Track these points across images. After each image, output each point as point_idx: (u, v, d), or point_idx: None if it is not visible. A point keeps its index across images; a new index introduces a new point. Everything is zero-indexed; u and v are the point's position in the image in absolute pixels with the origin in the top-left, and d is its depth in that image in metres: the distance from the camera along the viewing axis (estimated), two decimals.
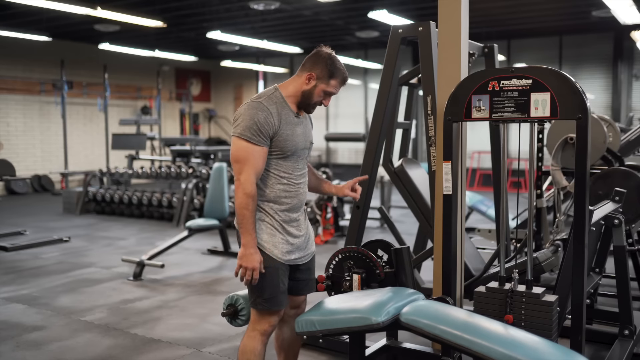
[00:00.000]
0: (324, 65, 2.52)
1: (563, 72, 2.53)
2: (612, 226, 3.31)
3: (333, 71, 2.53)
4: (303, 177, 2.64)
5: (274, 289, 2.52)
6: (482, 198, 7.02)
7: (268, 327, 2.58)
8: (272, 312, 2.56)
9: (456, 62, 3.10)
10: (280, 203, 2.54)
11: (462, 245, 3.09)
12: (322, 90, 2.54)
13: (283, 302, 2.57)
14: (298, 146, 2.55)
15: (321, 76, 2.52)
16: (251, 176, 2.41)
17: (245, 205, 2.40)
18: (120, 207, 9.76)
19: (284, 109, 2.50)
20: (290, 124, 2.51)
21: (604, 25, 12.09)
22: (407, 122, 4.71)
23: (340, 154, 17.36)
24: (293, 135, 2.51)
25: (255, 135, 2.41)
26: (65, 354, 3.70)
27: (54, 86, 13.84)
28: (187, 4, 10.60)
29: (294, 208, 2.59)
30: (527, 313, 2.64)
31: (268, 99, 2.49)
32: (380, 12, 9.31)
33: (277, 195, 2.53)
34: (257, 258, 2.43)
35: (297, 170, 2.58)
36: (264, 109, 2.44)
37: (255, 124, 2.40)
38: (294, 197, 2.58)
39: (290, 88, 2.56)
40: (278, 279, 2.53)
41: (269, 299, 2.52)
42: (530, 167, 2.78)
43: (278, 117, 2.46)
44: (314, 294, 3.32)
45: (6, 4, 9.31)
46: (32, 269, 6.01)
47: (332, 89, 2.56)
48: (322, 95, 2.55)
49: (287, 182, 2.55)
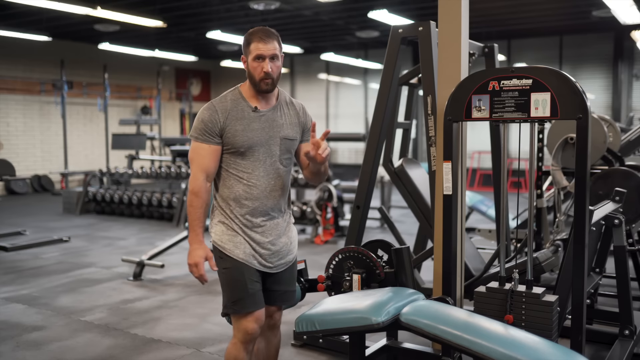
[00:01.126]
0: (244, 42, 2.45)
1: (563, 72, 2.53)
2: (613, 226, 3.31)
3: (248, 38, 2.42)
4: (272, 179, 2.48)
5: (239, 291, 2.41)
6: (482, 198, 7.02)
7: (245, 334, 2.43)
8: (243, 316, 2.42)
9: (456, 62, 3.10)
10: (240, 205, 2.45)
11: (462, 245, 3.09)
12: (252, 60, 2.41)
13: (252, 304, 2.42)
14: (254, 142, 2.42)
15: (245, 51, 2.45)
16: (197, 173, 2.41)
17: (190, 202, 2.41)
18: (120, 207, 9.76)
19: (237, 105, 2.44)
20: (242, 118, 2.42)
21: (604, 25, 12.09)
22: (407, 122, 4.71)
23: (340, 154, 17.35)
24: (245, 130, 2.41)
25: (201, 134, 2.41)
26: (65, 354, 3.70)
27: (54, 86, 13.84)
28: (187, 4, 10.59)
29: (256, 212, 2.45)
30: (527, 313, 2.64)
31: (221, 98, 2.48)
32: (380, 12, 9.31)
33: (237, 196, 2.45)
34: (200, 254, 2.39)
35: (259, 170, 2.45)
36: (210, 108, 2.44)
37: (201, 123, 2.42)
38: (256, 199, 2.44)
39: (246, 82, 2.51)
40: (243, 279, 2.41)
41: (236, 301, 2.42)
42: (531, 167, 2.77)
43: (224, 114, 2.41)
44: (314, 294, 3.32)
45: (6, 4, 9.31)
46: (32, 269, 6.01)
47: (256, 51, 2.39)
48: (256, 65, 2.40)
49: (247, 183, 2.44)
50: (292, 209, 2.67)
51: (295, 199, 8.52)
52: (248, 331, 2.43)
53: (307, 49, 15.35)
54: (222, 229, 2.47)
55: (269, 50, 2.39)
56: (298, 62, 17.85)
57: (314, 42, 14.99)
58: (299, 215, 7.72)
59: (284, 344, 3.82)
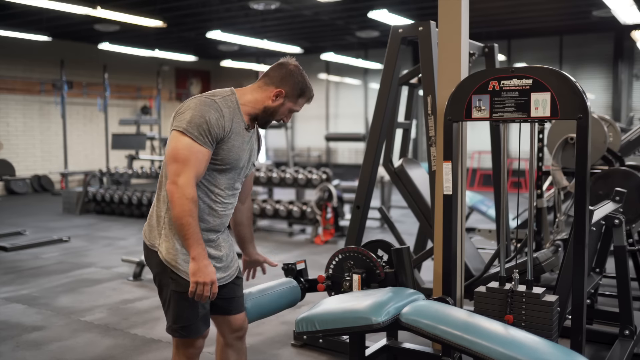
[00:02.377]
0: (295, 83, 2.29)
1: (563, 72, 2.53)
2: (613, 226, 3.31)
3: (304, 90, 2.31)
4: (233, 198, 2.35)
5: (191, 316, 2.23)
6: (482, 198, 7.02)
7: (194, 350, 2.32)
8: (190, 340, 2.29)
9: (456, 62, 3.10)
10: (201, 220, 2.22)
11: (462, 245, 3.09)
12: (289, 108, 2.31)
13: (201, 328, 2.29)
14: (240, 162, 2.28)
15: (290, 94, 2.28)
16: (192, 179, 2.11)
17: (189, 212, 2.09)
18: (120, 207, 9.76)
19: (236, 117, 2.23)
20: (239, 134, 2.24)
21: (604, 25, 12.09)
22: (407, 122, 4.71)
23: (340, 154, 17.36)
24: (240, 148, 2.25)
25: (203, 136, 2.12)
26: (65, 354, 3.70)
27: (53, 86, 13.84)
28: (187, 4, 10.60)
29: (212, 229, 2.29)
30: (528, 313, 2.64)
31: (223, 101, 2.22)
32: (380, 11, 9.31)
33: (200, 210, 2.21)
34: (213, 270, 2.15)
35: (229, 188, 2.30)
36: (218, 109, 2.17)
37: (206, 123, 2.12)
38: (218, 217, 2.29)
39: (249, 97, 2.29)
40: (197, 303, 2.22)
41: (186, 327, 2.24)
42: (531, 167, 2.77)
43: (230, 123, 2.19)
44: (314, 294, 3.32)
45: (6, 4, 9.31)
46: (32, 269, 6.01)
47: (298, 107, 2.34)
48: (287, 113, 2.33)
49: (215, 199, 2.26)
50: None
51: (295, 199, 8.52)
52: (197, 347, 2.33)
53: (307, 49, 15.35)
54: (177, 247, 2.20)
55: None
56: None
57: (314, 42, 15.00)
58: (299, 215, 7.72)
59: (283, 344, 3.82)
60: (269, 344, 3.82)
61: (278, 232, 8.23)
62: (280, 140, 17.13)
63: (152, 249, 2.27)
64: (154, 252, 2.26)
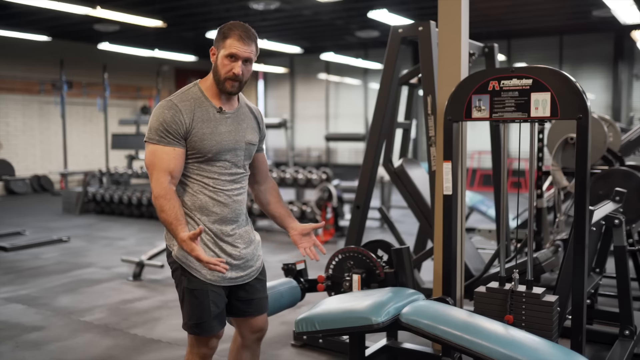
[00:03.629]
0: (218, 33, 2.23)
1: (563, 72, 2.53)
2: (613, 226, 3.31)
3: (226, 32, 2.20)
4: (236, 184, 2.31)
5: (202, 313, 2.23)
6: (482, 198, 7.02)
7: (207, 350, 2.32)
8: (204, 339, 2.30)
9: (456, 62, 3.10)
10: (208, 214, 2.23)
11: (462, 245, 3.09)
12: (224, 56, 2.20)
13: (216, 327, 2.28)
14: (222, 147, 2.23)
15: (219, 45, 2.22)
16: (160, 177, 2.13)
17: (160, 208, 2.11)
18: (120, 207, 9.76)
19: (201, 105, 2.22)
20: (209, 120, 2.21)
21: (604, 25, 12.09)
22: (407, 122, 4.71)
23: (340, 154, 17.36)
24: (212, 134, 2.21)
25: (163, 137, 2.15)
26: (65, 354, 3.70)
27: (53, 86, 13.84)
28: (187, 4, 10.60)
29: (225, 220, 2.27)
30: (528, 313, 2.64)
31: (181, 96, 2.23)
32: (380, 11, 9.31)
33: (203, 204, 2.23)
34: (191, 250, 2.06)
35: (225, 175, 2.26)
36: (172, 107, 2.18)
37: (162, 124, 2.15)
38: (224, 206, 2.26)
39: (209, 79, 2.28)
40: (208, 302, 2.23)
41: (198, 324, 2.25)
42: (531, 167, 2.77)
43: (190, 115, 2.18)
44: (314, 294, 3.32)
45: (6, 4, 9.30)
46: (32, 269, 6.01)
47: (231, 49, 2.18)
48: (227, 63, 2.20)
49: (214, 189, 2.24)
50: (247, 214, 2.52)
51: (295, 199, 8.52)
52: (211, 347, 2.33)
53: (307, 48, 15.35)
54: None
55: (245, 52, 2.20)
56: (298, 62, 17.85)
57: (313, 42, 15.00)
58: (299, 215, 7.72)
59: (283, 344, 3.82)
60: (269, 344, 3.82)
61: (278, 232, 8.23)
62: (280, 140, 17.13)
63: (168, 249, 2.32)
64: (170, 251, 2.30)
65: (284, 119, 10.95)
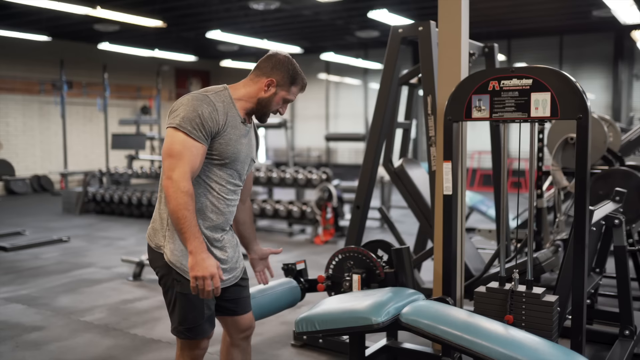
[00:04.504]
0: (285, 71, 2.27)
1: (563, 72, 2.53)
2: (613, 226, 3.31)
3: (295, 77, 2.29)
4: (235, 195, 2.33)
5: (196, 317, 2.23)
6: (482, 198, 7.02)
7: (198, 351, 2.32)
8: (197, 342, 2.29)
9: (456, 62, 3.10)
10: (204, 218, 2.22)
11: (462, 245, 3.09)
12: (282, 97, 2.29)
13: (207, 329, 2.29)
14: (239, 156, 2.25)
15: (282, 83, 2.27)
16: (187, 173, 2.06)
17: (184, 205, 2.03)
18: (120, 207, 9.76)
19: (231, 111, 2.22)
20: (236, 128, 2.23)
21: (604, 25, 12.09)
22: (407, 122, 4.71)
23: (340, 154, 17.36)
24: (237, 142, 2.23)
25: (197, 130, 2.09)
26: (65, 354, 3.70)
27: (53, 86, 13.84)
28: (187, 4, 10.60)
29: (217, 227, 2.27)
30: (528, 313, 2.64)
31: (215, 95, 2.21)
32: (380, 11, 9.31)
33: (202, 207, 2.21)
34: (213, 262, 2.05)
35: (230, 184, 2.28)
36: (210, 103, 2.15)
37: (199, 117, 2.10)
38: (221, 214, 2.26)
39: (242, 91, 2.28)
40: (202, 305, 2.23)
41: (192, 328, 2.24)
42: (531, 167, 2.77)
43: (224, 116, 2.18)
44: (314, 294, 3.32)
45: (6, 4, 9.30)
46: (32, 269, 6.01)
47: (292, 96, 2.31)
48: (280, 102, 2.30)
49: (218, 195, 2.24)
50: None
51: (295, 199, 8.52)
52: (202, 348, 2.32)
53: (307, 49, 15.35)
54: (182, 248, 2.16)
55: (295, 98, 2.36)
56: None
57: (314, 42, 15.00)
58: (299, 215, 7.72)
59: (283, 344, 3.82)
60: (269, 344, 3.82)
61: (278, 232, 8.23)
62: (280, 140, 17.13)
63: (157, 251, 2.25)
64: (160, 254, 2.23)
65: (284, 119, 10.95)
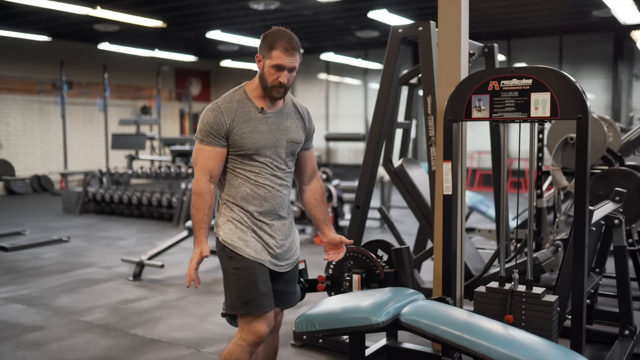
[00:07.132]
0: (264, 41, 2.37)
1: (563, 72, 2.53)
2: (613, 226, 3.31)
3: (272, 42, 2.33)
4: (278, 179, 2.47)
5: (252, 290, 2.35)
6: (482, 198, 7.02)
7: (255, 337, 2.37)
8: (256, 317, 2.37)
9: (456, 62, 3.10)
10: (249, 204, 2.43)
11: (462, 245, 3.09)
12: (270, 66, 2.35)
13: (266, 304, 2.38)
14: (261, 144, 2.40)
15: (265, 53, 2.37)
16: (200, 175, 2.38)
17: (192, 203, 2.39)
18: (120, 207, 9.76)
19: (243, 107, 2.40)
20: (250, 120, 2.39)
21: (604, 25, 12.09)
22: (407, 122, 4.71)
23: (340, 154, 17.35)
24: (252, 132, 2.38)
25: (206, 137, 2.38)
26: (65, 354, 3.70)
27: (53, 86, 13.83)
28: (187, 4, 10.59)
29: (265, 212, 2.45)
30: (527, 313, 2.64)
31: (226, 98, 2.43)
32: (380, 11, 9.31)
33: (244, 196, 2.43)
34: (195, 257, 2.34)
35: (266, 171, 2.44)
36: (215, 109, 2.39)
37: (207, 125, 2.38)
38: (264, 200, 2.43)
39: (255, 82, 2.45)
40: (256, 278, 2.37)
41: (248, 301, 2.35)
42: (531, 167, 2.77)
43: (231, 116, 2.37)
44: (314, 294, 3.32)
45: (6, 4, 9.30)
46: (32, 269, 6.01)
47: (278, 60, 2.32)
48: (273, 72, 2.35)
49: (255, 183, 2.42)
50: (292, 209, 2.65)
51: (295, 199, 8.52)
52: (260, 334, 2.37)
53: (307, 49, 15.34)
54: (231, 227, 2.42)
55: (290, 62, 2.34)
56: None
57: (314, 42, 14.99)
58: (299, 215, 7.72)
59: (283, 344, 3.82)
60: None
61: None
62: None
63: (215, 236, 2.49)
64: (217, 238, 2.48)
65: None
